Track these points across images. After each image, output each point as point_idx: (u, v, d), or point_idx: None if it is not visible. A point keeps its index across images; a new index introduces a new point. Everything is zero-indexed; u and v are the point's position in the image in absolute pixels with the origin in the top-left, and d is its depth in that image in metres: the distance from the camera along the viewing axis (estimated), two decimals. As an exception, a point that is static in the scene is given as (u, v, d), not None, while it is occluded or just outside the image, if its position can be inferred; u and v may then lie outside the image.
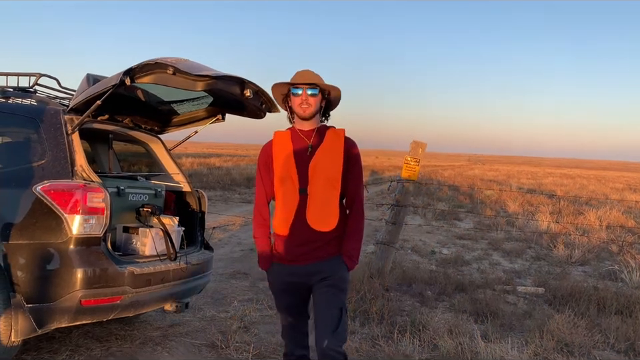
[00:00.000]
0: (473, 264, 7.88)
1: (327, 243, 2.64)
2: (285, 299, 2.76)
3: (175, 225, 4.01)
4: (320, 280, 2.64)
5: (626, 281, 6.70)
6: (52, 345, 3.82)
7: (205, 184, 17.39)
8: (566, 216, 13.20)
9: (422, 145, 5.36)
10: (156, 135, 4.51)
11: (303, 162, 2.63)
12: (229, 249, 8.09)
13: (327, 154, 2.63)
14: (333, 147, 2.65)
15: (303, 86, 2.62)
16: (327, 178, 2.61)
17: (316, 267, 2.63)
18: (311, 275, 2.65)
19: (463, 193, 20.03)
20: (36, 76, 4.05)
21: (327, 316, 2.60)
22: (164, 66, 3.09)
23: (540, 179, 36.27)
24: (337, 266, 2.65)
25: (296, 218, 2.62)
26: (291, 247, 2.64)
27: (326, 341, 2.55)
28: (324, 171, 2.61)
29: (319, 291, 2.65)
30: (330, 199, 2.63)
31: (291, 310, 2.76)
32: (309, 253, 2.63)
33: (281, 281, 2.73)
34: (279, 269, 2.71)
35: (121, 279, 3.29)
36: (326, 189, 2.61)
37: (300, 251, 2.63)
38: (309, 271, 2.64)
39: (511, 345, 4.17)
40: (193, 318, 4.71)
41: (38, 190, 3.18)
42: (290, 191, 2.63)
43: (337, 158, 2.64)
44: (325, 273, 2.63)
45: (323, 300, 2.64)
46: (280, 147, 2.69)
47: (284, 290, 2.74)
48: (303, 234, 2.61)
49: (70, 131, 3.41)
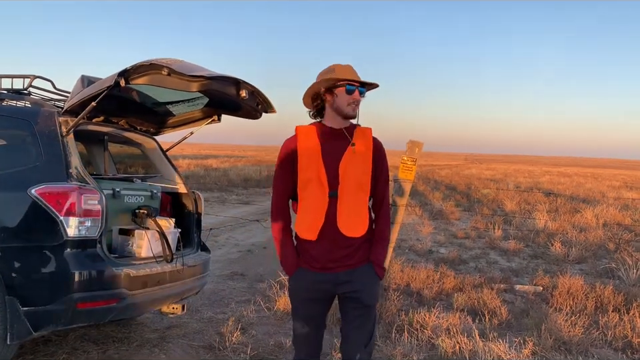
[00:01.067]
0: (470, 263, 7.89)
1: (357, 249, 2.49)
2: (307, 308, 2.58)
3: (171, 227, 3.99)
4: (351, 291, 2.50)
5: (623, 279, 6.71)
6: (48, 348, 3.81)
7: (202, 185, 17.37)
8: (563, 214, 13.22)
9: (418, 145, 5.34)
10: (151, 137, 4.49)
11: (334, 163, 2.46)
12: (226, 250, 8.07)
13: (358, 155, 2.48)
14: (363, 147, 2.50)
15: (357, 84, 2.46)
16: (357, 180, 2.46)
17: (347, 275, 2.48)
18: (340, 284, 2.50)
19: (460, 192, 20.06)
20: (30, 78, 4.03)
21: (361, 333, 2.53)
22: (158, 67, 3.08)
23: (537, 178, 36.31)
24: (368, 278, 2.52)
25: (326, 223, 2.43)
26: (321, 254, 2.47)
27: (358, 355, 2.53)
28: (354, 173, 2.45)
29: (352, 306, 2.53)
30: (360, 203, 2.48)
31: (311, 320, 2.59)
32: (340, 260, 2.47)
33: (306, 287, 2.53)
34: (306, 275, 2.52)
35: (117, 281, 3.27)
36: (356, 191, 2.46)
37: (331, 258, 2.46)
38: (339, 279, 2.48)
39: (509, 343, 4.18)
40: (190, 320, 4.69)
41: (33, 192, 3.16)
42: (318, 194, 2.45)
43: (366, 159, 2.50)
44: (355, 284, 2.49)
45: (356, 317, 2.53)
46: (306, 144, 2.48)
47: (308, 298, 2.56)
48: (334, 240, 2.45)
49: (65, 133, 3.40)
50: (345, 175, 2.45)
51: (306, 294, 2.55)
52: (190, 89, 3.16)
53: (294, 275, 2.56)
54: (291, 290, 2.62)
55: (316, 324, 2.61)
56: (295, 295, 2.61)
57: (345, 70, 2.48)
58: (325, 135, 2.51)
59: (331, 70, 2.50)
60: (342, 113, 2.48)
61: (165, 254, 3.75)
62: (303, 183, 2.49)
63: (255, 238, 9.22)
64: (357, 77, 2.48)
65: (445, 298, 5.71)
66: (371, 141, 2.55)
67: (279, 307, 5.05)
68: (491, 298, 5.37)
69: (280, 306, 5.05)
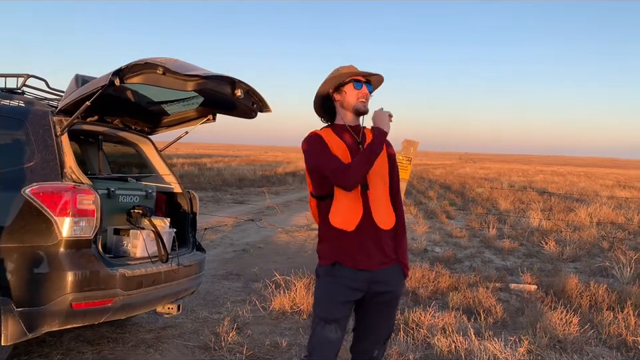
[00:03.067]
0: (465, 262, 7.90)
1: (387, 243, 2.48)
2: (340, 310, 2.43)
3: (166, 227, 3.98)
4: (382, 292, 2.48)
5: (617, 277, 6.74)
6: (43, 349, 3.79)
7: (196, 185, 17.33)
8: (557, 213, 13.28)
9: (414, 144, 5.35)
10: (146, 136, 4.48)
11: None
12: (221, 250, 8.05)
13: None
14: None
15: (363, 80, 2.51)
16: (380, 174, 2.50)
17: (382, 274, 2.45)
18: (375, 283, 2.45)
19: (454, 191, 20.11)
20: (24, 77, 4.01)
21: (383, 329, 2.58)
22: (153, 66, 3.06)
23: (531, 177, 36.47)
24: (397, 279, 2.53)
25: (364, 215, 2.42)
26: (358, 247, 2.41)
27: (376, 351, 2.59)
28: (377, 168, 2.47)
29: (379, 306, 2.51)
30: (386, 195, 2.53)
31: (341, 324, 2.45)
32: (377, 255, 2.43)
33: (345, 286, 2.42)
34: (343, 271, 2.42)
35: (112, 281, 3.26)
36: (382, 186, 2.51)
37: (369, 250, 2.42)
38: (375, 278, 2.44)
39: (505, 342, 4.18)
40: (186, 320, 4.68)
41: (27, 192, 3.14)
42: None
43: (383, 154, 2.53)
44: (388, 284, 2.48)
45: (381, 314, 2.54)
46: (331, 140, 2.48)
47: (344, 301, 2.44)
48: (370, 232, 2.42)
49: (59, 133, 3.37)
50: (372, 169, 2.44)
51: (342, 296, 2.43)
52: (185, 88, 3.15)
53: (329, 272, 2.44)
54: (324, 289, 2.47)
55: (343, 327, 2.48)
56: (328, 295, 2.45)
57: (349, 69, 2.53)
58: (342, 133, 2.52)
59: (336, 71, 2.54)
60: (353, 109, 2.51)
61: (160, 254, 3.74)
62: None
63: (250, 237, 9.20)
64: (367, 75, 2.53)
65: (441, 297, 5.72)
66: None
67: (274, 306, 5.04)
68: (486, 297, 5.38)
69: (275, 306, 5.04)
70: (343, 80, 2.50)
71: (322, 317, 2.45)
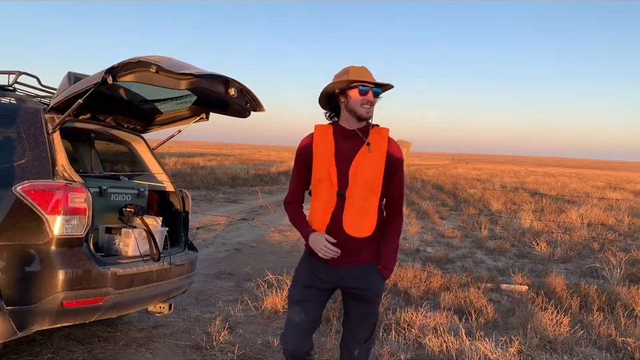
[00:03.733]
0: (457, 262, 7.93)
1: (363, 248, 2.55)
2: (306, 293, 2.59)
3: (158, 225, 3.97)
4: (354, 288, 2.56)
5: (607, 278, 6.79)
6: (33, 348, 3.76)
7: (189, 183, 17.27)
8: (548, 214, 13.36)
9: (407, 144, 5.38)
10: (139, 134, 4.46)
11: (345, 164, 2.51)
12: (214, 249, 8.04)
13: (370, 156, 2.51)
14: (376, 148, 2.52)
15: (370, 85, 2.48)
16: (367, 182, 2.49)
17: (352, 271, 2.54)
18: (345, 278, 2.56)
19: (447, 192, 20.16)
20: (15, 74, 3.98)
21: (361, 328, 2.61)
22: (147, 64, 3.05)
23: (523, 178, 36.63)
24: (373, 277, 2.56)
25: (332, 221, 2.51)
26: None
27: (357, 350, 2.60)
28: (364, 174, 2.49)
29: (355, 303, 2.60)
30: (368, 204, 2.52)
31: (309, 306, 2.59)
32: (346, 256, 2.52)
33: (313, 274, 2.59)
34: (314, 262, 2.59)
35: (103, 280, 3.24)
36: (365, 193, 2.50)
37: (342, 253, 2.51)
38: (344, 273, 2.55)
39: (495, 342, 4.21)
40: (177, 319, 4.67)
41: (18, 190, 3.12)
42: (327, 193, 2.52)
43: (380, 161, 2.52)
44: (360, 282, 2.55)
45: (358, 313, 2.60)
46: (321, 144, 2.55)
47: (311, 285, 2.59)
48: (338, 238, 2.50)
49: (51, 130, 3.35)
50: (354, 176, 2.50)
51: (309, 280, 2.60)
52: (178, 86, 3.13)
53: (303, 258, 2.66)
54: (297, 272, 2.67)
55: (312, 311, 2.59)
56: (299, 278, 2.64)
57: (359, 71, 2.51)
58: (340, 136, 2.56)
59: (345, 72, 2.53)
60: (356, 114, 2.51)
61: (152, 253, 3.73)
62: (315, 180, 2.58)
63: (243, 237, 9.19)
64: (371, 78, 2.50)
65: (432, 297, 5.74)
66: (387, 141, 2.57)
67: (266, 306, 5.04)
68: (478, 297, 5.40)
69: (268, 305, 5.04)
70: (350, 84, 2.49)
71: (290, 298, 2.68)
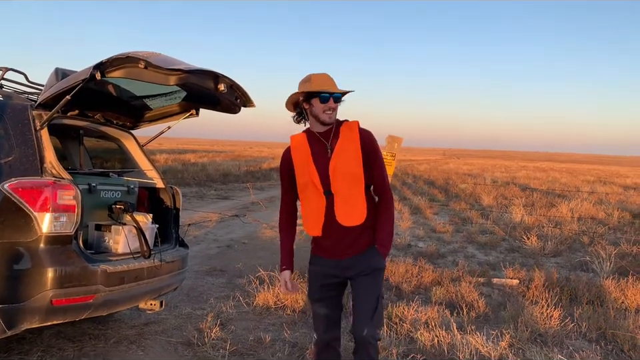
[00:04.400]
0: (448, 257, 7.96)
1: (360, 235, 2.71)
2: (322, 292, 2.82)
3: (148, 222, 3.95)
4: (357, 273, 2.72)
5: (597, 271, 6.85)
6: (22, 346, 3.74)
7: (180, 180, 17.21)
8: (539, 208, 13.43)
9: (398, 140, 5.37)
10: (128, 131, 4.43)
11: (323, 164, 2.68)
12: (205, 245, 8.02)
13: (345, 151, 2.68)
14: (349, 142, 2.69)
15: (330, 93, 2.65)
16: (349, 175, 2.66)
17: (353, 260, 2.72)
18: (348, 269, 2.73)
19: (438, 187, 20.23)
20: (2, 70, 3.94)
21: (365, 305, 2.71)
22: (135, 60, 3.03)
23: (513, 172, 36.82)
24: (372, 257, 2.72)
25: (326, 219, 2.69)
26: (327, 246, 2.74)
27: (365, 329, 2.67)
28: (344, 168, 2.66)
29: (357, 282, 2.74)
30: (355, 194, 2.69)
31: (327, 302, 2.82)
32: (346, 249, 2.71)
33: (321, 273, 2.81)
34: (320, 261, 2.81)
35: (93, 277, 3.22)
36: (349, 185, 2.67)
37: (336, 248, 2.72)
38: (347, 264, 2.73)
39: (487, 336, 4.23)
40: (169, 316, 4.65)
41: (5, 187, 3.09)
42: (315, 194, 2.70)
43: (355, 153, 2.68)
44: (361, 265, 2.71)
45: (360, 290, 2.73)
46: (298, 152, 2.76)
47: (323, 284, 2.81)
48: (335, 232, 2.69)
49: (38, 127, 3.32)
50: (334, 172, 2.66)
51: (321, 279, 2.82)
52: (167, 82, 3.11)
53: (311, 261, 2.87)
54: (310, 275, 2.90)
55: (333, 304, 2.84)
56: (312, 280, 2.87)
57: (321, 79, 2.68)
58: (313, 140, 2.75)
59: (307, 80, 2.71)
60: (319, 120, 2.70)
61: (143, 250, 3.70)
62: (301, 187, 2.77)
63: (234, 233, 9.17)
64: (332, 86, 2.67)
65: (424, 292, 5.76)
66: (357, 133, 2.71)
67: (258, 302, 5.03)
68: (469, 291, 5.43)
69: (259, 301, 5.03)
70: (301, 96, 2.69)
71: (310, 298, 2.92)
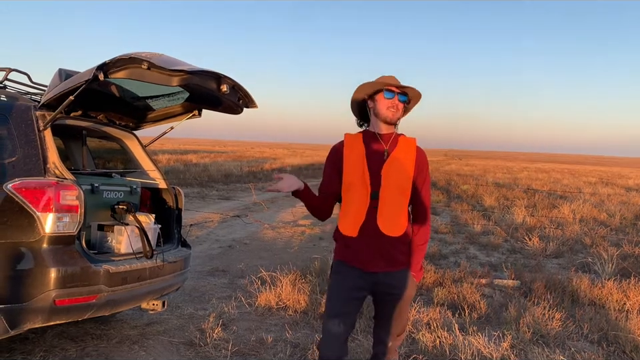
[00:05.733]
0: (450, 258, 7.96)
1: (394, 248, 2.61)
2: (345, 305, 2.62)
3: (151, 223, 3.96)
4: (389, 290, 2.64)
5: (599, 273, 6.84)
6: (25, 346, 3.75)
7: (182, 181, 17.23)
8: (541, 209, 13.42)
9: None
10: (131, 131, 4.44)
11: (377, 165, 2.61)
12: (207, 246, 8.03)
13: (400, 161, 2.62)
14: (405, 154, 2.64)
15: (396, 90, 2.61)
16: (398, 184, 2.60)
17: (387, 277, 2.61)
18: (379, 284, 2.62)
19: (440, 188, 20.22)
20: (6, 71, 3.95)
21: (396, 323, 2.69)
22: (138, 60, 3.03)
23: (515, 174, 36.77)
24: (406, 282, 2.65)
25: (367, 221, 2.58)
26: (361, 249, 2.60)
27: (390, 342, 2.72)
28: (396, 176, 2.60)
29: (389, 304, 2.67)
30: (400, 205, 2.61)
31: (347, 317, 2.62)
32: (379, 258, 2.59)
33: (350, 284, 2.62)
34: (348, 271, 2.63)
35: (96, 277, 3.23)
36: (396, 195, 2.59)
37: (371, 254, 2.59)
38: (379, 279, 2.61)
39: (488, 337, 4.23)
40: (171, 316, 4.66)
41: (9, 188, 3.10)
42: (361, 194, 2.59)
43: (409, 166, 2.63)
44: (394, 287, 2.63)
45: (392, 312, 2.67)
46: (352, 150, 2.65)
47: (348, 297, 2.62)
48: (372, 237, 2.58)
49: (42, 128, 3.33)
50: (387, 176, 2.59)
51: (347, 292, 2.62)
52: (170, 83, 3.12)
53: (335, 269, 2.68)
54: (334, 285, 2.67)
55: (350, 322, 2.64)
56: (336, 291, 2.65)
57: (386, 78, 2.64)
58: (370, 140, 2.67)
59: (375, 80, 2.65)
60: (382, 118, 2.63)
61: (145, 250, 3.71)
62: (346, 185, 2.63)
63: (236, 234, 9.18)
64: (401, 85, 2.62)
65: (426, 292, 5.76)
66: (415, 150, 2.68)
67: (260, 302, 5.04)
68: (471, 292, 5.43)
69: (261, 302, 5.04)
70: (377, 88, 2.62)
71: (328, 311, 2.65)
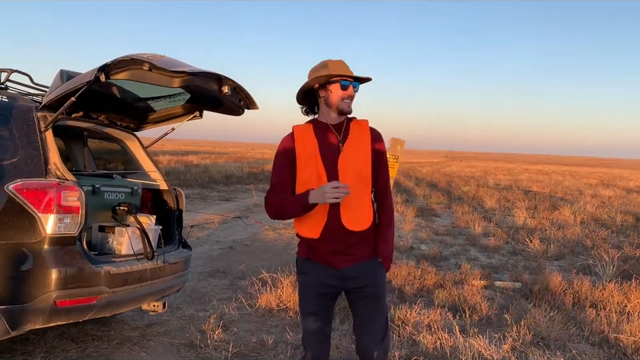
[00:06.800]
0: (451, 259, 7.95)
1: (362, 242, 2.50)
2: (317, 303, 2.56)
3: (152, 224, 3.96)
4: (360, 287, 2.52)
5: (600, 275, 6.83)
6: (26, 347, 3.75)
7: (183, 182, 17.23)
8: (542, 211, 13.41)
9: (401, 142, 5.37)
10: (132, 132, 4.44)
11: (332, 159, 2.45)
12: (208, 247, 8.02)
13: (355, 149, 2.47)
14: (359, 140, 2.49)
15: (351, 79, 2.45)
16: (358, 174, 2.45)
17: (355, 270, 2.49)
18: (349, 279, 2.51)
19: (441, 190, 20.21)
20: (7, 72, 3.95)
21: (374, 326, 2.55)
22: (139, 62, 3.04)
23: (516, 175, 36.77)
24: (375, 271, 2.54)
25: (329, 220, 2.43)
26: (324, 251, 2.49)
27: (375, 352, 2.54)
28: (354, 165, 2.45)
29: (362, 301, 2.55)
30: (363, 194, 2.48)
31: (322, 314, 2.57)
32: (347, 255, 2.48)
33: (318, 282, 2.53)
34: (315, 269, 2.53)
35: (96, 278, 3.23)
36: (357, 185, 2.43)
37: (335, 254, 2.48)
38: (347, 274, 2.50)
39: (489, 339, 4.22)
40: (171, 317, 4.66)
41: (10, 189, 3.10)
42: None
43: (365, 152, 2.48)
44: (364, 279, 2.51)
45: (368, 310, 2.55)
46: (304, 144, 2.48)
47: (318, 293, 2.55)
48: (338, 236, 2.45)
49: (43, 128, 3.34)
50: (344, 168, 2.45)
51: (316, 289, 2.55)
52: (171, 84, 3.12)
53: (302, 269, 2.58)
54: (301, 285, 2.61)
55: (327, 317, 2.59)
56: (304, 290, 2.59)
57: (338, 65, 2.47)
58: (322, 132, 2.51)
59: (323, 65, 2.48)
60: (337, 109, 2.48)
61: (146, 251, 3.71)
62: (301, 183, 2.48)
63: (237, 235, 9.18)
64: (351, 72, 2.47)
65: (426, 294, 5.75)
66: (368, 132, 2.54)
67: (260, 304, 5.03)
68: (472, 294, 5.42)
69: (262, 303, 5.04)
70: (331, 78, 2.46)
71: (302, 311, 2.62)
